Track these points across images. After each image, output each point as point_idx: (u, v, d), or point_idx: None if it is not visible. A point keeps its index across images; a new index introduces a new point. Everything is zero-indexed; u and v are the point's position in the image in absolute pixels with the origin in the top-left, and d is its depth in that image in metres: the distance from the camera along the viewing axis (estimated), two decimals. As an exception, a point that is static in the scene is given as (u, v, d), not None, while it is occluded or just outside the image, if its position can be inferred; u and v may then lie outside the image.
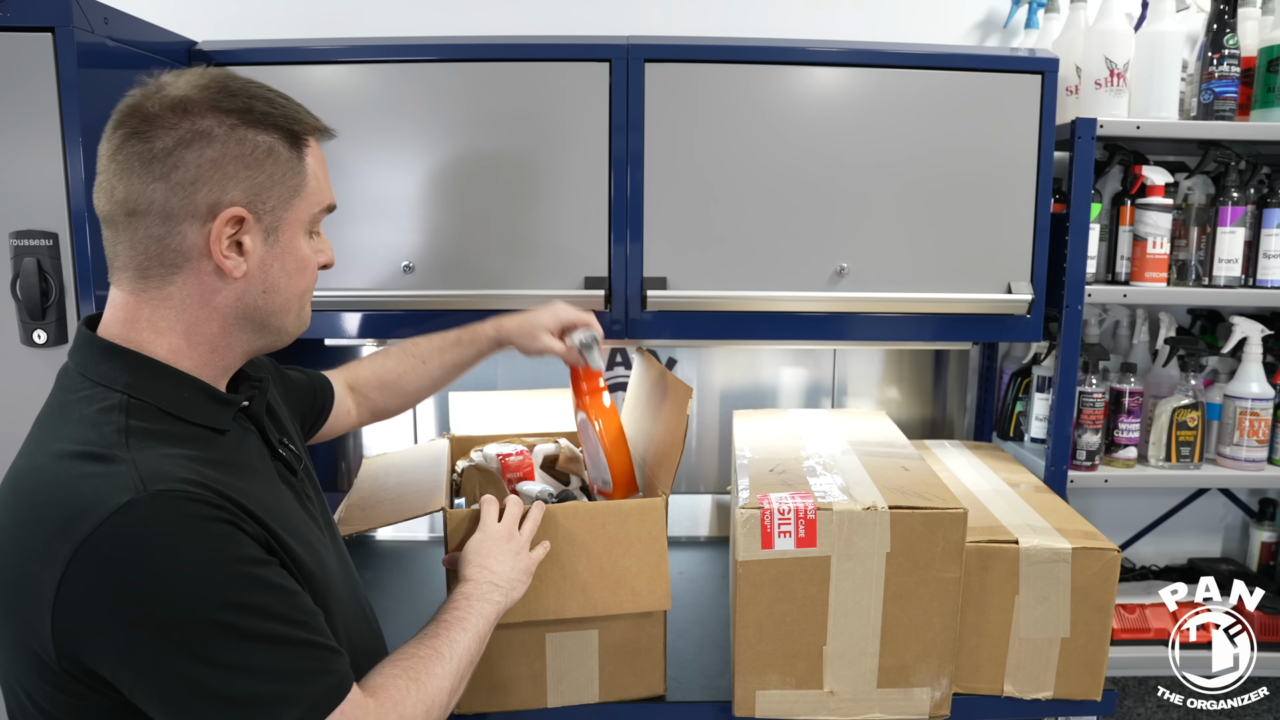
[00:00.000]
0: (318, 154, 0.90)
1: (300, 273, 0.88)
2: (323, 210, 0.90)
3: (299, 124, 0.86)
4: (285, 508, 0.87)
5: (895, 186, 1.46)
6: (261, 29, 1.67)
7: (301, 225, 0.87)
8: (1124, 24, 1.54)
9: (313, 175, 0.88)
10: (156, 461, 0.74)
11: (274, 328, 0.88)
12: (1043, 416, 1.72)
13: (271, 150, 0.83)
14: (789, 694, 1.24)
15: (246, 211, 0.82)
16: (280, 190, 0.84)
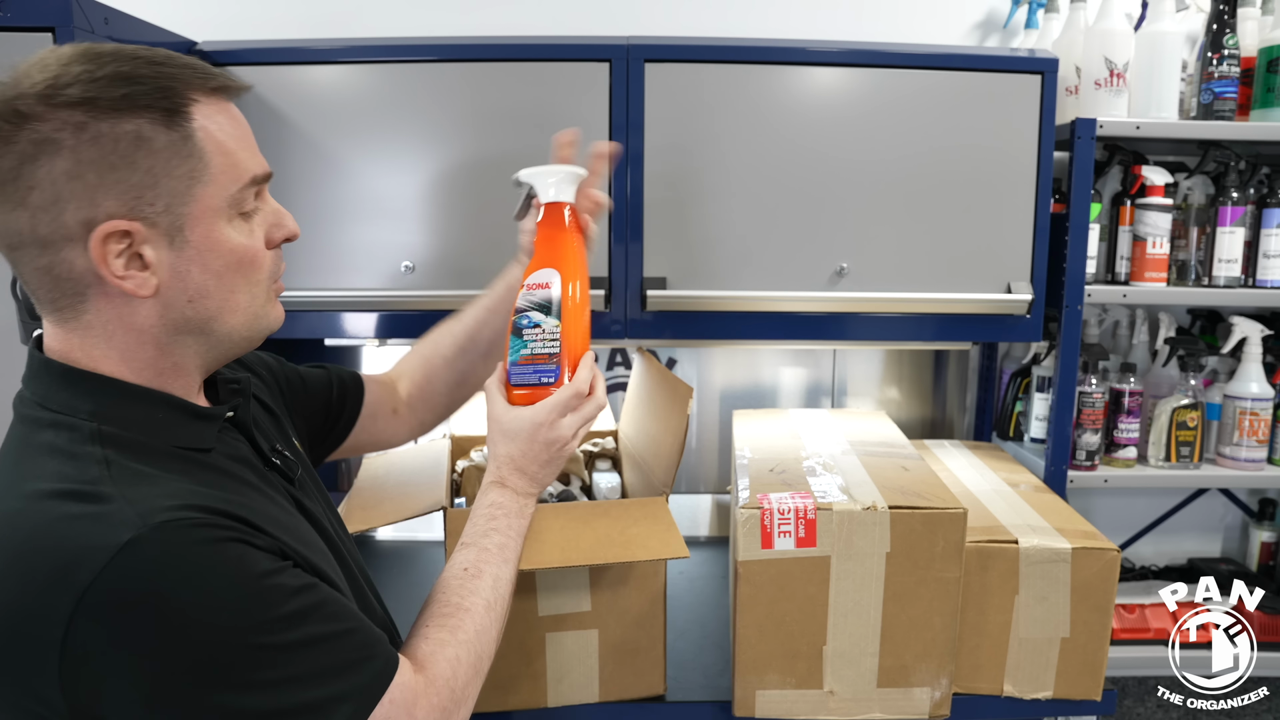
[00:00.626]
0: (219, 118, 0.73)
1: (235, 268, 0.74)
2: (246, 186, 0.74)
3: (172, 94, 0.69)
4: (287, 517, 0.80)
5: (895, 186, 1.46)
6: (262, 29, 1.67)
7: (217, 214, 0.72)
8: (1124, 24, 1.54)
9: (213, 151, 0.71)
10: (148, 491, 0.66)
11: (225, 335, 0.77)
12: (1042, 416, 1.72)
13: (140, 139, 0.68)
14: (789, 694, 1.24)
15: (128, 222, 0.68)
16: (169, 184, 0.69)
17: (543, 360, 0.98)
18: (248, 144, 0.76)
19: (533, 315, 0.98)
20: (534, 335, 0.98)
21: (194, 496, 0.68)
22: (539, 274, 0.99)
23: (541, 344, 0.98)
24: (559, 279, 0.99)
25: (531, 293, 0.99)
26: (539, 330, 0.98)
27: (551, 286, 0.98)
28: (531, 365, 0.98)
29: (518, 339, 0.98)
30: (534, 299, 0.99)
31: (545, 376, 0.98)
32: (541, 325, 0.98)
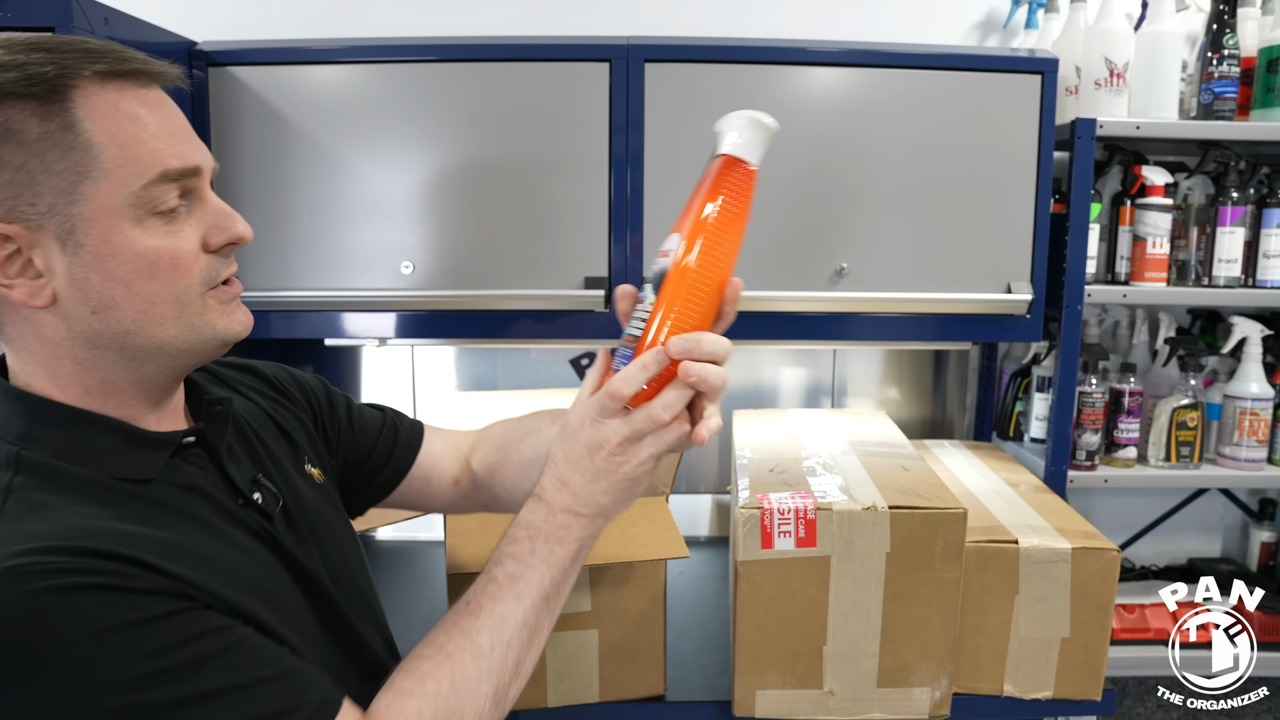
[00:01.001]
0: (120, 106, 0.64)
1: (148, 274, 0.65)
2: (154, 182, 0.64)
3: (45, 80, 0.61)
4: (231, 555, 0.70)
5: (895, 186, 1.46)
6: (262, 29, 1.67)
7: (117, 214, 0.63)
8: (1124, 24, 1.54)
9: (105, 142, 0.63)
10: (25, 528, 0.59)
11: (156, 349, 0.68)
12: (1042, 416, 1.72)
13: (9, 132, 0.60)
14: (789, 694, 1.24)
15: (6, 225, 0.62)
16: (49, 180, 0.62)
17: (628, 344, 0.76)
18: (163, 134, 0.66)
19: (645, 290, 0.77)
20: (638, 313, 0.76)
21: (78, 535, 0.59)
22: (668, 239, 0.77)
23: (636, 324, 0.76)
24: (678, 241, 0.75)
25: (655, 260, 0.77)
26: (641, 307, 0.76)
27: (668, 255, 0.76)
28: (622, 349, 0.77)
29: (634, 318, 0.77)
30: (651, 269, 0.78)
31: (619, 364, 0.76)
32: (644, 301, 0.76)
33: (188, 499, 0.70)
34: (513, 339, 1.49)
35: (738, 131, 0.83)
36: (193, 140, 0.70)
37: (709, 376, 0.72)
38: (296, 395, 0.95)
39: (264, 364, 0.98)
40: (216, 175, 0.73)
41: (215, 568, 0.66)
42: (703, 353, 0.72)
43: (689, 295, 0.75)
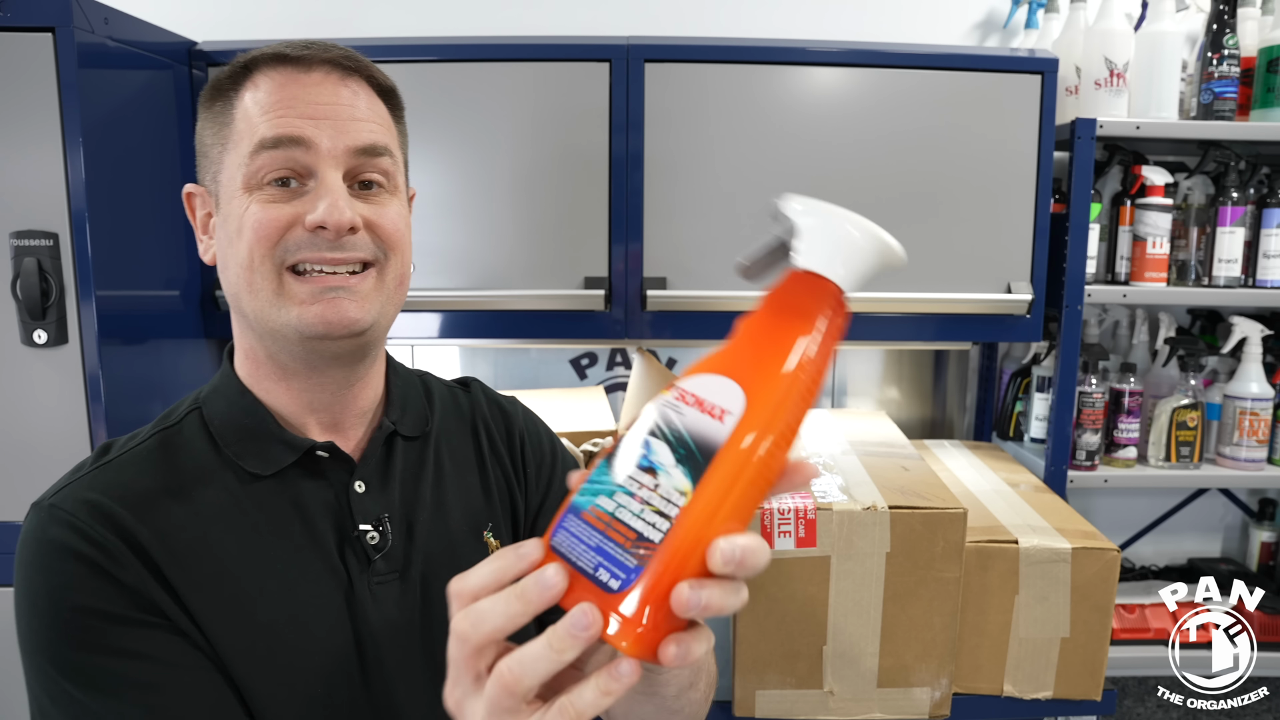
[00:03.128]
0: (265, 84, 0.69)
1: (236, 236, 0.69)
2: (254, 150, 0.68)
3: (237, 69, 0.71)
4: (266, 583, 0.68)
5: (895, 186, 1.46)
6: (262, 29, 1.67)
7: (235, 180, 0.69)
8: (1124, 24, 1.54)
9: (240, 117, 0.69)
10: (89, 476, 0.67)
11: (252, 317, 0.71)
12: (1042, 416, 1.72)
13: (203, 113, 0.72)
14: (789, 694, 1.24)
15: (195, 185, 0.74)
16: (215, 148, 0.71)
17: (624, 539, 0.47)
18: (280, 105, 0.68)
19: (658, 451, 0.49)
20: (638, 485, 0.48)
21: (111, 499, 0.65)
22: (710, 381, 0.50)
23: (640, 508, 0.47)
24: (741, 404, 0.48)
25: (679, 408, 0.49)
26: (652, 482, 0.48)
27: (723, 414, 0.48)
28: (601, 534, 0.47)
29: (607, 477, 0.49)
30: (677, 421, 0.49)
31: (609, 570, 0.46)
32: (660, 476, 0.48)
33: (283, 511, 0.71)
34: (513, 339, 1.49)
35: (848, 242, 0.54)
36: (322, 117, 0.68)
37: (727, 605, 0.46)
38: (532, 468, 0.87)
39: (524, 414, 0.91)
40: None
41: (238, 592, 0.67)
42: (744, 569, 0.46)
43: (738, 511, 0.47)
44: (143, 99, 1.29)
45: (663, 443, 0.48)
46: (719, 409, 0.48)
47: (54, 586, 0.63)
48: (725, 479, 0.46)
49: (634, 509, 0.47)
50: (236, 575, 0.68)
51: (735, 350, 0.51)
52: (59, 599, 0.62)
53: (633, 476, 0.48)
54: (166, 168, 1.35)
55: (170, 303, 1.37)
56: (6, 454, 1.19)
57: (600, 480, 0.49)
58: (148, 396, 1.30)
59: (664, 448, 0.48)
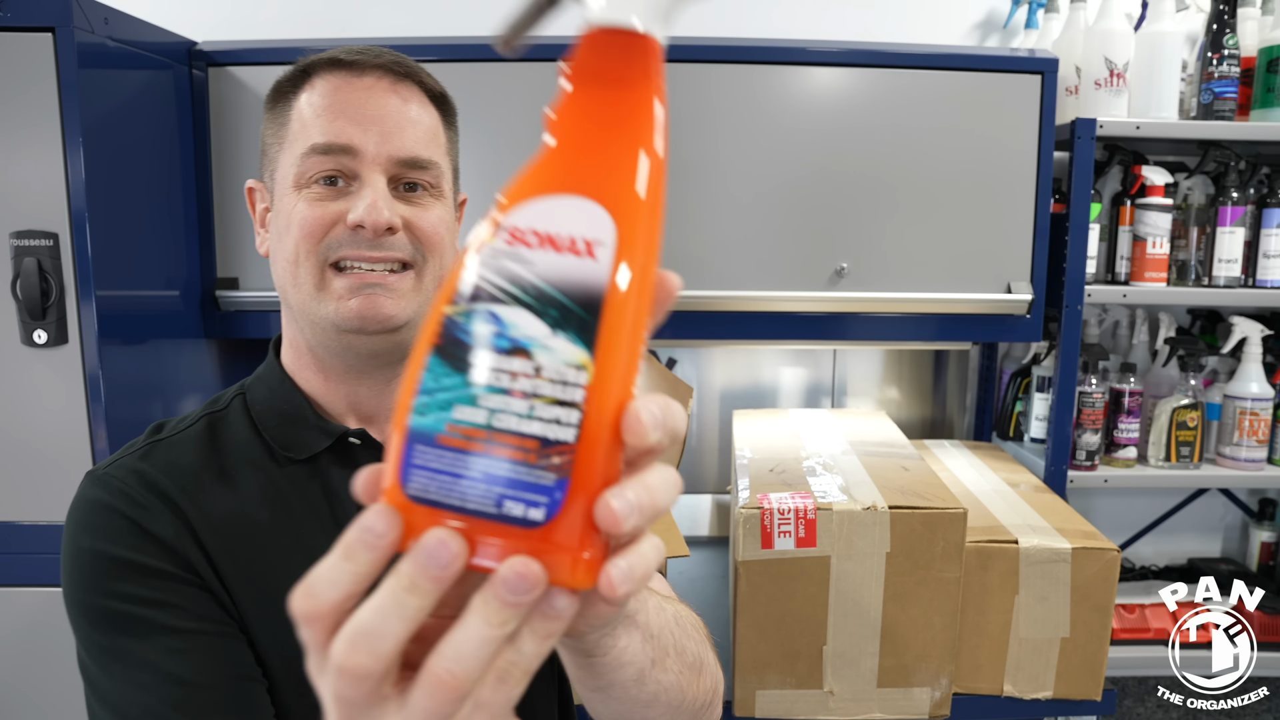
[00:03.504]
0: (321, 88, 0.73)
1: (284, 231, 0.73)
2: (307, 153, 0.71)
3: (298, 71, 0.75)
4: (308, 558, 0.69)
5: (895, 186, 1.46)
6: (262, 29, 1.67)
7: (288, 178, 0.73)
8: (1124, 24, 1.54)
9: (295, 118, 0.73)
10: (141, 448, 0.72)
11: (296, 308, 0.74)
12: (1042, 416, 1.72)
13: (275, 106, 0.75)
14: (789, 694, 1.24)
15: (255, 180, 0.78)
16: (274, 147, 0.75)
17: (522, 451, 0.33)
18: (333, 111, 0.71)
19: (518, 321, 0.34)
20: (510, 376, 0.34)
21: (157, 470, 0.70)
22: (555, 206, 0.36)
23: (527, 405, 0.34)
24: (610, 228, 0.35)
25: (523, 256, 0.35)
26: (529, 365, 0.34)
27: (590, 247, 0.35)
28: (482, 457, 0.34)
29: (453, 378, 0.34)
30: (528, 273, 0.35)
31: (521, 500, 0.33)
32: (539, 353, 0.34)
33: (314, 495, 0.73)
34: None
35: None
36: (370, 124, 0.72)
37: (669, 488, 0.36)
38: None
39: None
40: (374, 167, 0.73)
41: (266, 569, 0.69)
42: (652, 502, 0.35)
43: (640, 338, 0.36)
44: (143, 99, 1.29)
45: (520, 309, 0.34)
46: (583, 241, 0.35)
47: (94, 540, 0.67)
48: (622, 332, 0.34)
49: (518, 409, 0.33)
50: (267, 552, 0.70)
51: (566, 156, 0.37)
52: (98, 550, 0.66)
53: (496, 367, 0.34)
54: (166, 168, 1.35)
55: (170, 303, 1.37)
56: (6, 454, 1.19)
57: (443, 386, 0.34)
58: (148, 396, 1.30)
59: (524, 315, 0.34)
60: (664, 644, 0.57)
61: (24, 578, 1.21)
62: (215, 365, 1.50)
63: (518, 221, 0.35)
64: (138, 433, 0.77)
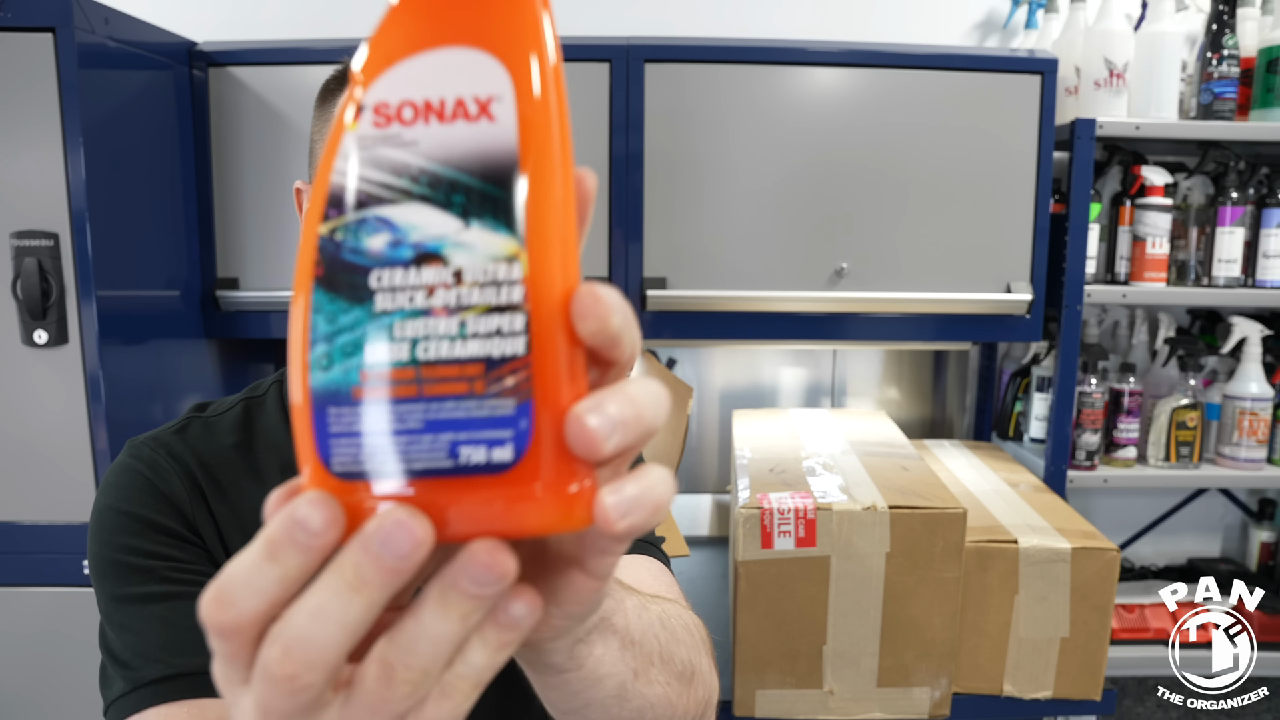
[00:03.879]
0: None
1: None
2: None
3: (347, 65, 0.78)
4: None
5: (894, 186, 1.46)
6: (263, 30, 1.67)
7: None
8: (1123, 24, 1.54)
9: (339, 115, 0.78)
10: (186, 426, 0.76)
11: None
12: (1042, 416, 1.72)
13: (322, 105, 0.76)
14: (789, 693, 1.24)
15: (303, 181, 0.78)
16: (319, 145, 0.76)
17: (465, 381, 0.27)
18: None
19: (415, 220, 0.27)
20: (424, 292, 0.27)
21: (188, 445, 0.74)
22: (426, 64, 0.28)
23: (455, 322, 0.27)
24: (504, 77, 0.27)
25: (400, 135, 0.27)
26: (445, 273, 0.27)
27: (485, 106, 0.27)
28: (416, 402, 0.27)
29: (350, 313, 0.27)
30: (412, 156, 0.27)
31: (478, 443, 0.27)
32: (456, 253, 0.27)
33: None
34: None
35: None
36: None
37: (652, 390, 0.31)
38: None
39: None
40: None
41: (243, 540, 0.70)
42: None
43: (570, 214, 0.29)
44: (143, 99, 1.29)
45: (414, 204, 0.27)
46: (473, 101, 0.27)
47: (113, 499, 0.71)
48: (551, 203, 0.28)
49: (446, 330, 0.27)
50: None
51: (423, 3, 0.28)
52: (114, 507, 0.70)
53: (404, 285, 0.27)
54: (167, 168, 1.35)
55: (171, 303, 1.37)
56: (7, 454, 1.19)
57: (342, 326, 0.27)
58: (148, 396, 1.30)
59: (423, 210, 0.27)
60: (647, 651, 0.49)
61: (25, 577, 1.21)
62: (215, 365, 1.50)
63: (383, 95, 0.28)
64: (137, 433, 0.77)
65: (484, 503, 0.27)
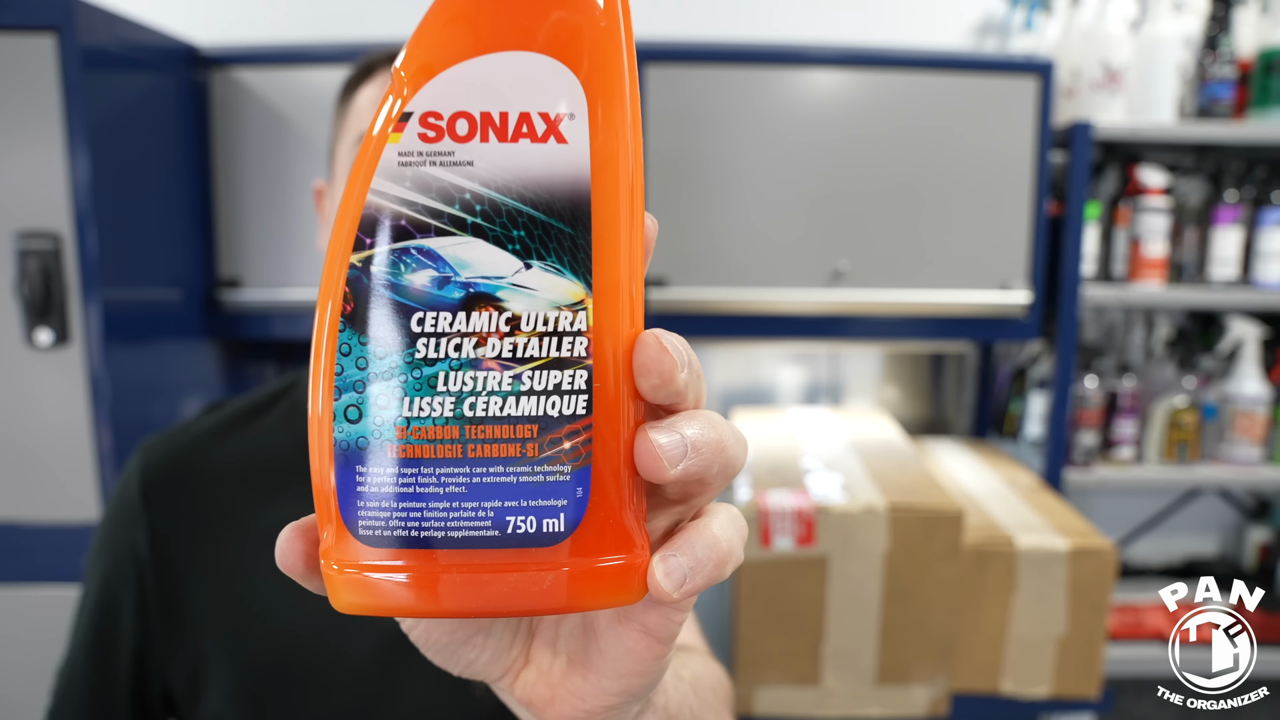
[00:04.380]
0: (374, 90, 0.73)
1: (323, 229, 0.77)
2: (353, 144, 0.72)
3: (363, 64, 0.75)
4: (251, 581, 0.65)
5: (893, 188, 1.46)
6: (264, 31, 1.67)
7: (340, 170, 0.73)
8: (1120, 26, 1.55)
9: (355, 109, 0.73)
10: (200, 422, 0.73)
11: None
12: (1040, 416, 1.73)
13: (339, 105, 0.75)
14: (788, 691, 1.24)
15: (322, 180, 0.77)
16: (336, 143, 0.75)
17: (515, 446, 0.24)
18: (376, 104, 0.70)
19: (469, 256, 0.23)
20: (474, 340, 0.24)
21: (196, 446, 0.70)
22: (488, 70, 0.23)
23: (509, 379, 0.24)
24: (578, 89, 0.24)
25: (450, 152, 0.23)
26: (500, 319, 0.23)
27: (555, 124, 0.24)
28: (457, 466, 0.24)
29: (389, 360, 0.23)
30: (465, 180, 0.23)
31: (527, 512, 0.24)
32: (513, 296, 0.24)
33: None
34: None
35: None
36: None
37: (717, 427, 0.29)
38: None
39: None
40: None
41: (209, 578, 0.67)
42: None
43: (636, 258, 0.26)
44: (146, 101, 1.30)
45: (466, 236, 0.23)
46: (540, 117, 0.23)
47: (107, 515, 0.71)
48: (621, 243, 0.24)
49: (499, 385, 0.23)
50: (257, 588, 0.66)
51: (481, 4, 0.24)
52: (106, 520, 0.71)
53: (447, 332, 0.23)
54: (169, 169, 1.36)
55: (173, 303, 1.37)
56: (9, 454, 1.19)
57: (369, 374, 0.23)
58: (151, 397, 1.30)
59: (476, 245, 0.23)
60: None
61: (27, 577, 1.21)
62: (218, 366, 1.51)
63: (433, 103, 0.23)
64: (140, 433, 0.78)
65: (531, 578, 0.24)
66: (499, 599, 0.24)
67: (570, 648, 0.32)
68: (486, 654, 0.32)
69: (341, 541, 0.24)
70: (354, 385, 0.23)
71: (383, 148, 0.23)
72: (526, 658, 0.33)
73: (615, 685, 0.30)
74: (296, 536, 0.26)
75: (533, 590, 0.24)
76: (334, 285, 0.23)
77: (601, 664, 0.30)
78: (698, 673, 0.53)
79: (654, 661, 0.30)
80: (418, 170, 0.23)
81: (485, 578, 0.23)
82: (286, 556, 0.26)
